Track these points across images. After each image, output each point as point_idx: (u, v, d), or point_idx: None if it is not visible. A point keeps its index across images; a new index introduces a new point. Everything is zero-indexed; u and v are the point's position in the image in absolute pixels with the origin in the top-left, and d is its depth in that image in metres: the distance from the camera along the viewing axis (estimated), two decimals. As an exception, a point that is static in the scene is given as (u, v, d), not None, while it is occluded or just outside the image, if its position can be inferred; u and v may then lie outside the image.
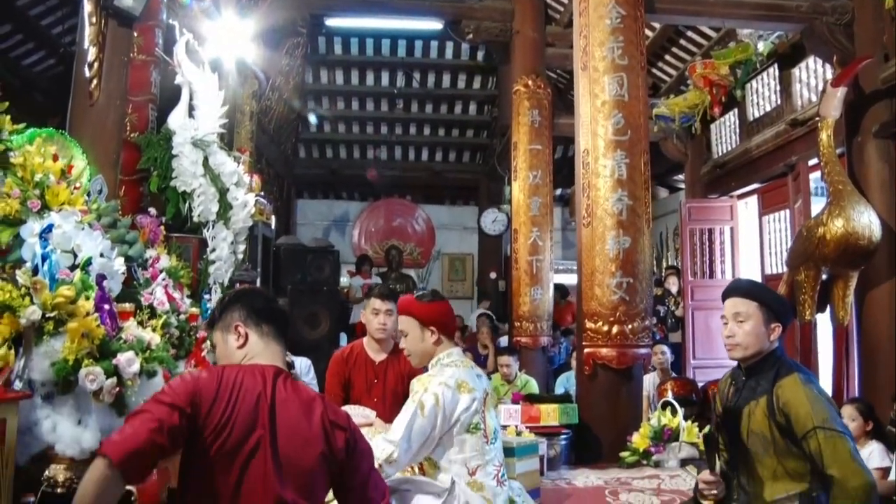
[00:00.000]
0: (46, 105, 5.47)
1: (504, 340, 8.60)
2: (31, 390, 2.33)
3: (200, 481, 1.85)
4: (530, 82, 8.10)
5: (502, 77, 10.90)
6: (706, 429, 3.99)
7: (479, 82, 12.42)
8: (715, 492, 2.61)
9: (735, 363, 2.75)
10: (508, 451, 3.60)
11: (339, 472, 2.02)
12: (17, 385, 2.32)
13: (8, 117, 2.95)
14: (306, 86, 11.77)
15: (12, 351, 2.31)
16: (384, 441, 2.70)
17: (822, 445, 2.35)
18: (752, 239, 7.89)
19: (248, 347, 2.08)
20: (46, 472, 2.31)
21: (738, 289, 2.71)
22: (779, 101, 7.11)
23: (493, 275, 12.36)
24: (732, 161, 7.90)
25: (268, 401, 1.91)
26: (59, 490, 2.28)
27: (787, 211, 6.96)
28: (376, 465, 2.36)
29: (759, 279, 7.45)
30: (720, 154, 8.29)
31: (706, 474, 2.62)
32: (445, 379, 2.86)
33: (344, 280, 11.21)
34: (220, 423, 1.84)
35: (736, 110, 7.93)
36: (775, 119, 7.12)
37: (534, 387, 6.42)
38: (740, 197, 8.12)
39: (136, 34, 4.24)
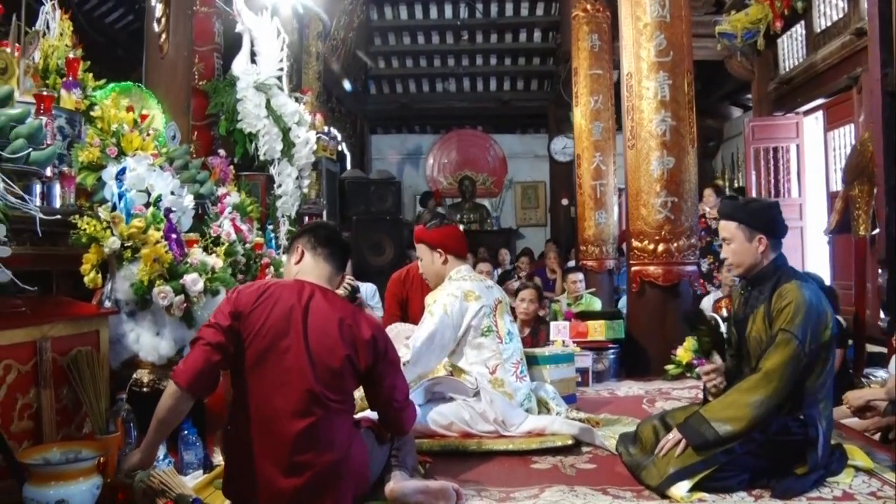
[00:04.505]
0: (128, 59, 5.91)
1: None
2: (117, 308, 2.78)
3: (245, 376, 2.28)
4: (589, 6, 8.10)
5: (564, 1, 10.82)
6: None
7: (541, 8, 12.31)
8: (716, 381, 2.86)
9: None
10: (536, 360, 3.90)
11: (367, 375, 2.38)
12: (107, 304, 2.79)
13: (91, 75, 3.36)
14: (371, 23, 11.97)
15: (100, 275, 2.76)
16: (404, 348, 3.07)
17: (776, 343, 2.59)
18: (817, 156, 7.74)
19: (301, 265, 2.51)
20: (134, 375, 2.77)
21: (721, 211, 2.90)
22: (846, 10, 6.86)
23: (564, 201, 12.45)
24: (798, 76, 7.70)
25: (301, 310, 2.30)
26: (144, 389, 2.75)
27: (852, 125, 6.81)
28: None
29: (824, 197, 7.39)
30: (786, 70, 8.08)
31: (706, 366, 2.88)
32: (452, 290, 3.22)
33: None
34: (257, 327, 2.26)
35: (803, 22, 7.69)
36: (842, 29, 6.88)
37: (597, 305, 6.64)
38: (806, 113, 7.91)
39: (197, -13, 4.60)
